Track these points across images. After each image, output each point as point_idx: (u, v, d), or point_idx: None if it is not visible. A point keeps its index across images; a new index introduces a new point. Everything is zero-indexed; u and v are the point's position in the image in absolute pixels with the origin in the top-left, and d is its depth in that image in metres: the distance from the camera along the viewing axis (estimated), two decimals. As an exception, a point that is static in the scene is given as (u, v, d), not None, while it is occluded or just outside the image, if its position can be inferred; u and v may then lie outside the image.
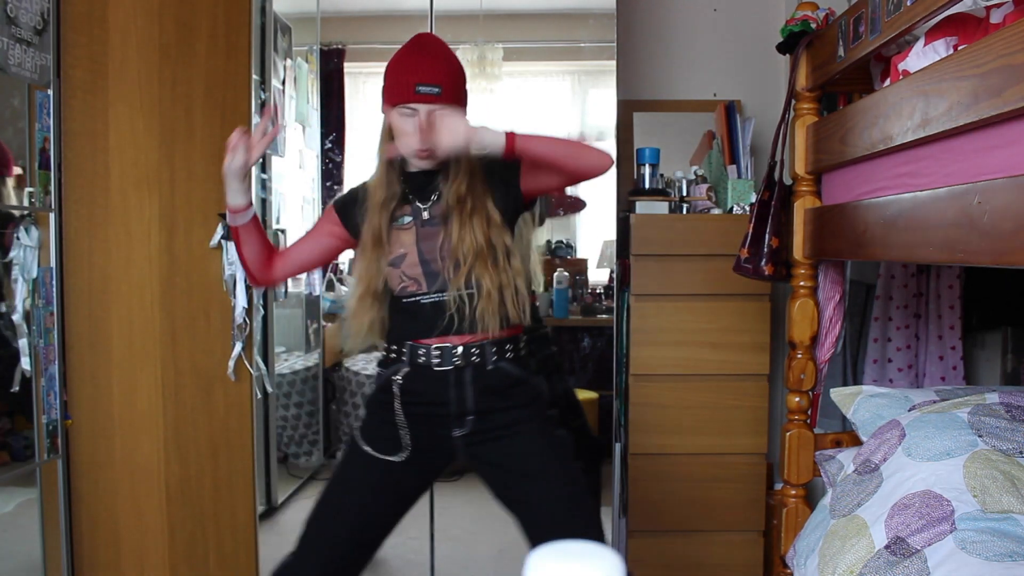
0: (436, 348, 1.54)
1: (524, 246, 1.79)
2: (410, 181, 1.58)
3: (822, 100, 1.88)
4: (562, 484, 1.53)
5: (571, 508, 1.53)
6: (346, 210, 1.61)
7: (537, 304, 1.95)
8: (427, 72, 1.49)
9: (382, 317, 1.58)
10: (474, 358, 1.54)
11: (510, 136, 1.43)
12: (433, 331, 1.53)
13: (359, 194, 1.61)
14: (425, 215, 1.56)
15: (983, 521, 1.32)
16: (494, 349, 1.55)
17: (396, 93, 1.50)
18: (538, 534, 1.54)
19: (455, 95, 1.52)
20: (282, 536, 2.54)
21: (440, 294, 1.54)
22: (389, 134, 1.55)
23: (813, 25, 1.79)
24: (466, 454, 1.59)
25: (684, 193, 2.51)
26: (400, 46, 1.57)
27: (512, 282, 1.54)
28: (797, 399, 1.92)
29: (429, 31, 2.43)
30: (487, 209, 1.53)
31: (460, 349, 1.54)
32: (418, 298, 1.55)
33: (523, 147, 1.44)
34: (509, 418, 1.56)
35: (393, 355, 1.59)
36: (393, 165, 1.56)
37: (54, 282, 2.16)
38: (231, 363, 2.29)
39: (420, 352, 1.55)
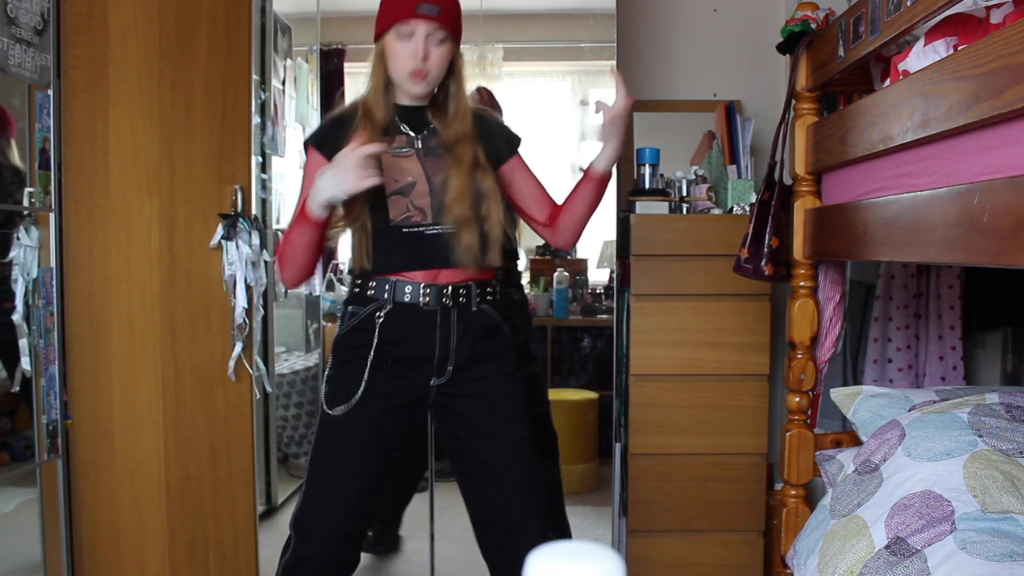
0: (426, 287, 1.51)
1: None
2: (399, 113, 1.56)
3: (822, 100, 1.88)
4: (518, 446, 1.58)
5: (525, 472, 1.57)
6: (331, 147, 1.50)
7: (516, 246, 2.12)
8: None
9: (367, 245, 1.52)
10: (461, 299, 1.53)
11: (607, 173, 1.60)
12: (430, 264, 1.52)
13: (339, 123, 1.54)
14: (419, 144, 1.54)
15: (983, 521, 1.32)
16: (477, 291, 1.56)
17: (395, 12, 1.48)
18: (486, 494, 1.57)
19: (453, 21, 1.52)
20: (282, 536, 2.53)
21: (441, 226, 1.52)
22: (381, 61, 1.52)
23: (813, 25, 1.79)
24: (435, 401, 1.58)
25: (684, 193, 2.51)
26: None
27: (489, 227, 1.54)
28: (797, 399, 1.92)
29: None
30: (479, 151, 1.56)
31: (449, 288, 1.52)
32: (422, 229, 1.52)
33: (604, 180, 1.61)
34: (485, 369, 1.57)
35: (371, 291, 1.53)
36: (387, 92, 1.53)
37: (54, 282, 2.16)
38: (231, 363, 2.29)
39: (407, 289, 1.51)
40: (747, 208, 2.37)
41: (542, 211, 1.68)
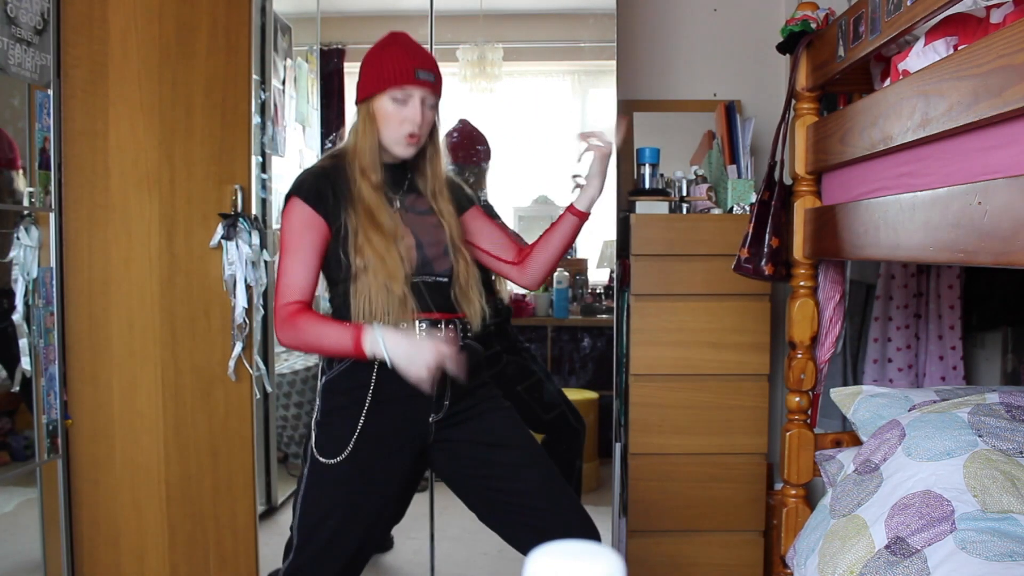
0: (421, 323, 1.54)
1: None
2: (384, 172, 1.60)
3: (822, 100, 1.88)
4: (532, 447, 1.62)
5: (547, 468, 1.60)
6: (324, 207, 1.53)
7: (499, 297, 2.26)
8: (424, 60, 1.55)
9: (406, 293, 1.53)
10: (474, 321, 1.60)
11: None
12: (422, 310, 1.55)
13: (324, 179, 1.55)
14: (398, 204, 1.60)
15: (983, 521, 1.32)
16: (462, 327, 1.61)
17: (391, 76, 1.51)
18: (522, 500, 1.57)
19: (441, 86, 1.60)
20: (282, 536, 2.53)
21: (430, 276, 1.57)
22: (373, 123, 1.55)
23: (813, 25, 1.79)
24: (436, 438, 1.59)
25: (684, 193, 2.51)
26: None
27: (475, 270, 1.63)
28: (797, 399, 1.92)
29: (428, 31, 2.44)
30: (452, 204, 1.65)
31: (442, 324, 1.56)
32: (420, 279, 1.57)
33: (583, 220, 1.70)
34: (477, 397, 1.61)
35: None
36: (377, 153, 1.56)
37: (54, 282, 2.16)
38: (231, 363, 2.29)
39: (402, 326, 1.51)
40: (747, 208, 2.37)
41: (508, 252, 1.74)
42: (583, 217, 1.69)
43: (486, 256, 1.73)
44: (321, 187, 1.54)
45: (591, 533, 1.60)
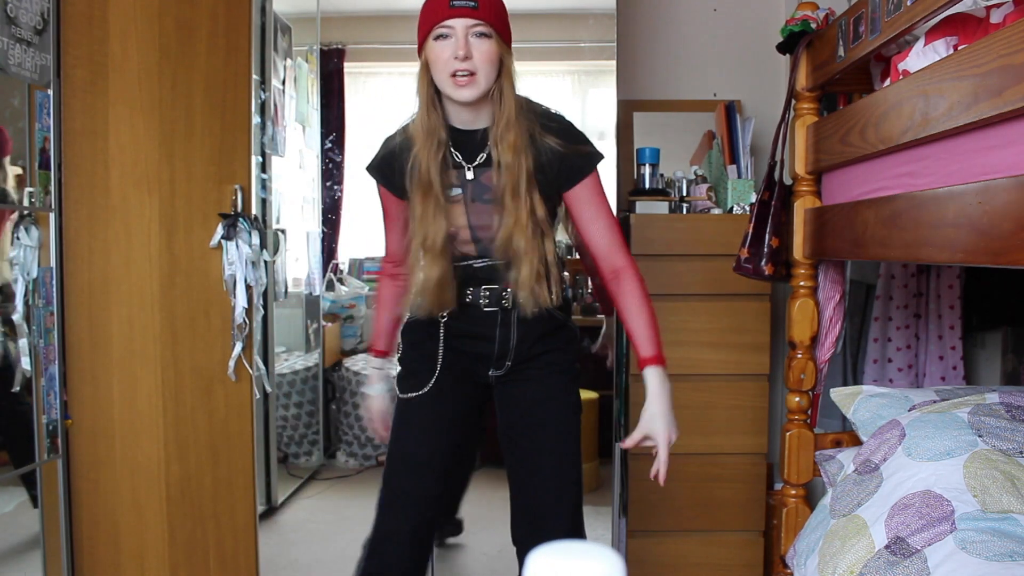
0: (485, 288, 1.53)
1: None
2: (454, 139, 1.47)
3: (822, 100, 1.88)
4: (563, 432, 1.57)
5: (564, 467, 1.56)
6: (391, 180, 1.52)
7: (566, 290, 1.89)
8: None
9: (449, 274, 1.49)
10: (528, 311, 1.51)
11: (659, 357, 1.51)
12: (483, 284, 1.54)
13: (392, 159, 1.51)
14: (470, 175, 1.47)
15: (983, 521, 1.32)
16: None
17: (431, 15, 1.40)
18: (523, 479, 1.58)
19: (494, 14, 1.40)
20: (282, 536, 2.54)
21: (489, 259, 1.52)
22: (426, 73, 1.42)
23: (813, 25, 1.79)
24: (496, 392, 1.62)
25: (684, 193, 2.51)
26: (401, 46, 1.57)
27: (546, 262, 1.48)
28: (797, 399, 1.92)
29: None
30: (532, 184, 1.44)
31: (508, 291, 1.52)
32: (470, 262, 1.54)
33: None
34: (543, 363, 1.57)
35: None
36: (436, 108, 1.44)
37: (54, 282, 2.16)
38: (231, 363, 2.29)
39: (468, 292, 1.54)
40: (747, 208, 2.37)
41: (600, 260, 1.54)
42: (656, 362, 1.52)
43: (581, 246, 1.60)
44: (385, 165, 1.52)
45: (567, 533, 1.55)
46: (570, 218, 1.56)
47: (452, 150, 1.48)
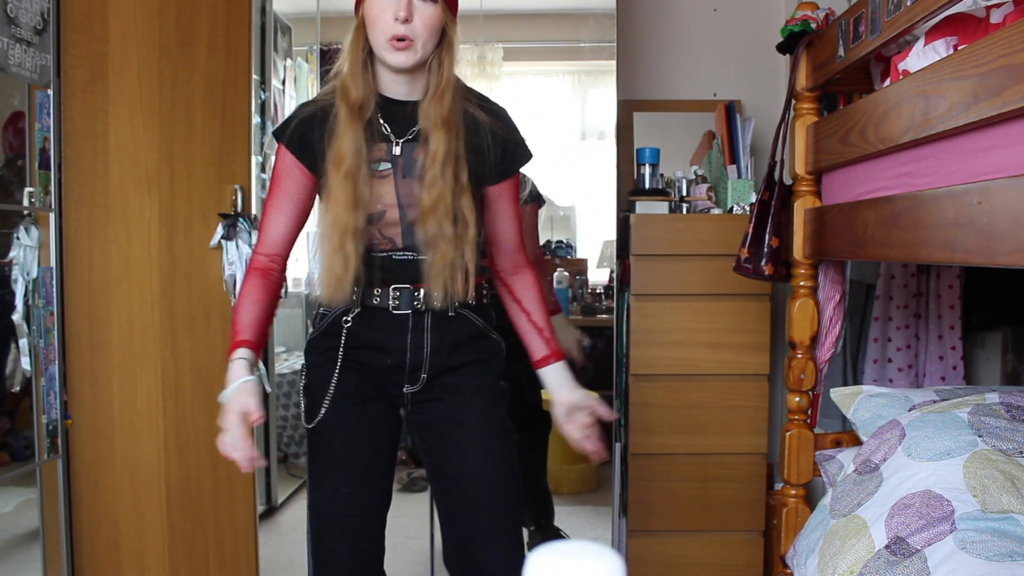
0: (395, 289, 1.37)
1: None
2: (384, 109, 1.35)
3: (822, 100, 1.88)
4: (495, 465, 1.43)
5: (496, 496, 1.43)
6: (304, 151, 1.34)
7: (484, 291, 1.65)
8: None
9: (359, 268, 1.34)
10: (436, 303, 1.36)
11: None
12: (398, 282, 1.38)
13: (311, 124, 1.34)
14: (397, 150, 1.34)
15: (983, 521, 1.32)
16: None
17: None
18: (452, 511, 1.45)
19: None
20: (282, 536, 2.54)
21: (411, 252, 1.37)
22: (360, 32, 1.31)
23: (813, 25, 1.79)
24: (410, 412, 1.46)
25: (684, 193, 2.51)
26: None
27: (464, 255, 1.34)
28: (797, 399, 1.92)
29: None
30: (460, 165, 1.33)
31: (422, 292, 1.37)
32: (389, 254, 1.38)
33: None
34: (462, 378, 1.43)
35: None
36: (367, 72, 1.32)
37: (54, 282, 2.16)
38: (231, 363, 2.29)
39: (376, 292, 1.37)
40: (747, 208, 2.37)
41: (503, 255, 1.49)
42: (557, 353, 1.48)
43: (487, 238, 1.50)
44: (306, 131, 1.34)
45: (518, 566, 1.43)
46: (484, 210, 1.44)
47: (381, 120, 1.35)
